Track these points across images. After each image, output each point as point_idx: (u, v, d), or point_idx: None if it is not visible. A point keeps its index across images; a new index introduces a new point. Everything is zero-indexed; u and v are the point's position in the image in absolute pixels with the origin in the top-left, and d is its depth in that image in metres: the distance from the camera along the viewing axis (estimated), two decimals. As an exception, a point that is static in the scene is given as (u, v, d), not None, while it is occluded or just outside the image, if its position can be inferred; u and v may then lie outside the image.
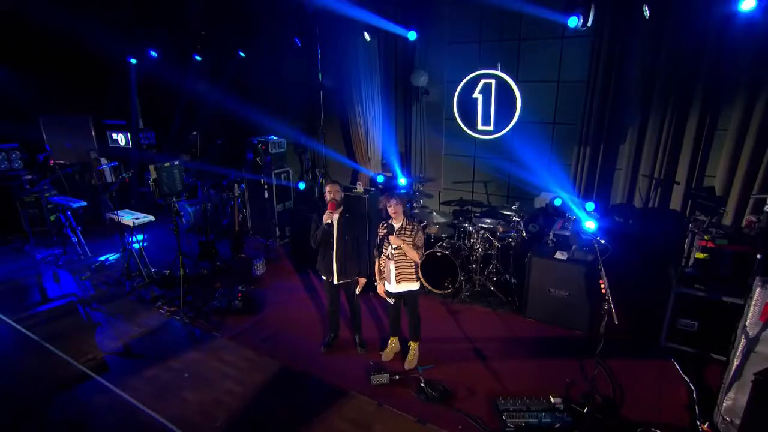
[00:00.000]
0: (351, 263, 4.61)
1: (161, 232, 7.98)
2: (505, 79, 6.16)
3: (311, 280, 6.62)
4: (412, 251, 4.25)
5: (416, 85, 7.41)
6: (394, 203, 4.29)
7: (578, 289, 5.06)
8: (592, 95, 6.16)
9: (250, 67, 8.43)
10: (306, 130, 8.57)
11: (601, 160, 6.34)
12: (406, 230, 4.30)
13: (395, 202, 4.29)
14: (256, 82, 8.29)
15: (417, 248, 4.27)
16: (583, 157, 6.46)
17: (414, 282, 4.43)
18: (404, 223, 4.32)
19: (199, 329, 5.38)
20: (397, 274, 4.40)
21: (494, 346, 4.97)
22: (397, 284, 4.43)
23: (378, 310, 5.81)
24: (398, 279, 4.40)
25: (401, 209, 4.30)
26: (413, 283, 4.44)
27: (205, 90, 8.78)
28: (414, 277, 4.42)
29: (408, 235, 4.28)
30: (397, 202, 4.29)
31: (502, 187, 7.45)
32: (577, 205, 6.02)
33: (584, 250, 5.11)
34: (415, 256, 4.26)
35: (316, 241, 4.58)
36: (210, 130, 8.71)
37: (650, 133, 5.95)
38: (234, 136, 8.36)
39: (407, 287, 4.44)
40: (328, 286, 4.79)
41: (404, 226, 4.30)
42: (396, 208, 4.28)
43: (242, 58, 8.44)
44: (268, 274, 6.78)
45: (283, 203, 7.87)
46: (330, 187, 4.51)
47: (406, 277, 4.39)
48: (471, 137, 7.29)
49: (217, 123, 8.78)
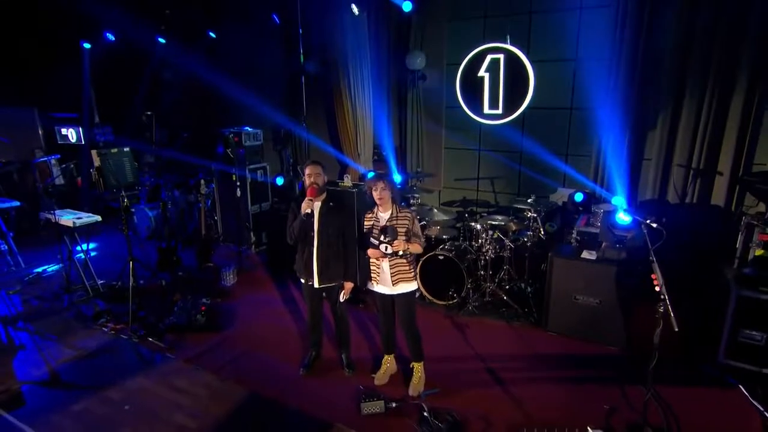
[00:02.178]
0: (335, 263, 4.05)
1: (116, 239, 7.33)
2: (515, 53, 5.71)
3: (290, 291, 6.10)
4: (414, 246, 3.79)
5: (412, 69, 7.01)
6: (381, 186, 3.78)
7: (611, 295, 4.55)
8: (615, 74, 5.76)
9: (221, 50, 8.02)
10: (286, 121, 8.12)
11: (627, 149, 5.91)
12: (398, 219, 3.79)
13: (383, 185, 3.78)
14: (229, 67, 7.89)
15: (418, 237, 3.83)
16: (605, 146, 6.03)
17: (412, 281, 3.92)
18: (395, 211, 3.82)
19: (150, 350, 4.74)
20: (393, 274, 3.86)
21: (512, 366, 4.45)
22: (393, 285, 3.88)
23: (369, 322, 5.26)
24: (395, 280, 3.86)
25: (388, 195, 3.79)
26: (411, 282, 3.92)
27: (171, 77, 8.28)
28: (411, 274, 3.91)
29: (402, 225, 3.78)
30: (385, 186, 3.78)
31: (511, 184, 7.00)
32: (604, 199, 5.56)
33: (618, 248, 4.57)
34: (417, 248, 3.83)
35: (293, 235, 4.02)
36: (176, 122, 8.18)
37: (685, 116, 5.52)
38: (203, 129, 7.84)
39: (405, 288, 3.90)
40: (307, 292, 4.22)
41: (395, 215, 3.80)
42: (383, 193, 3.77)
43: (213, 40, 8.02)
44: (239, 285, 6.29)
45: (260, 204, 7.40)
46: (310, 168, 3.97)
47: (403, 276, 3.87)
48: (475, 127, 6.90)
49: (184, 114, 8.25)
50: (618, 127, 5.85)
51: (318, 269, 4.03)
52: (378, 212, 3.87)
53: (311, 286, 4.11)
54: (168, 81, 8.35)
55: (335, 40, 7.10)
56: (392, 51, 7.19)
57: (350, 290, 4.15)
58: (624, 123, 5.82)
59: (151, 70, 8.39)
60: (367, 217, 3.92)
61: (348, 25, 6.94)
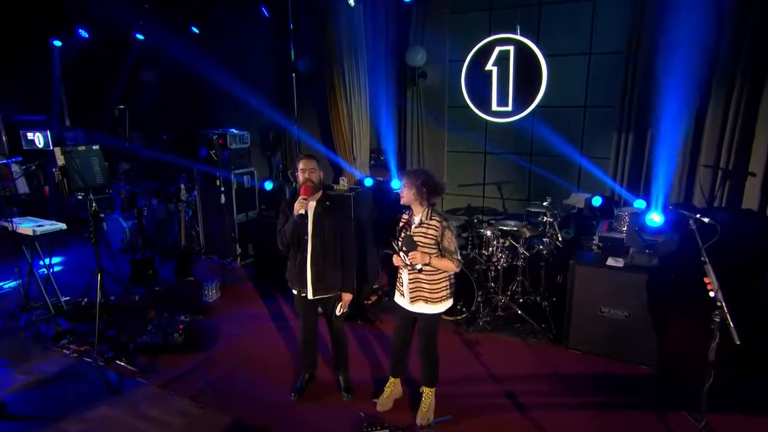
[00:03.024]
0: (332, 271, 3.69)
1: (85, 252, 6.89)
2: (526, 44, 5.44)
3: (280, 307, 5.70)
4: (442, 261, 3.36)
5: (412, 65, 6.77)
6: (403, 183, 3.42)
7: (642, 307, 4.21)
8: (633, 69, 5.58)
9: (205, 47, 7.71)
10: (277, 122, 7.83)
11: (648, 149, 5.68)
12: (426, 228, 3.38)
13: (405, 182, 3.41)
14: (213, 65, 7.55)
15: (450, 253, 3.37)
16: (624, 147, 5.83)
17: (437, 303, 3.48)
18: (425, 215, 3.41)
19: (119, 374, 4.33)
20: (412, 290, 3.48)
21: (531, 388, 4.09)
22: (411, 303, 3.50)
23: (371, 340, 4.87)
24: (413, 297, 3.48)
25: (411, 195, 3.38)
26: (437, 304, 3.48)
27: (150, 76, 7.94)
28: (437, 295, 3.46)
29: (428, 235, 3.37)
30: (407, 183, 3.39)
31: (521, 189, 6.73)
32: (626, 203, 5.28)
33: (648, 254, 4.24)
34: (447, 265, 3.37)
35: (285, 239, 3.66)
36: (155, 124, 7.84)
37: (712, 112, 5.29)
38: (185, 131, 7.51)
39: (425, 309, 3.50)
40: (300, 304, 3.84)
41: (423, 221, 3.40)
42: (406, 189, 3.38)
43: (196, 36, 7.72)
44: (222, 300, 5.90)
45: (246, 213, 7.04)
46: (304, 162, 3.62)
47: (423, 295, 3.46)
48: (481, 128, 6.65)
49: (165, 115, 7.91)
50: (638, 125, 5.65)
51: (312, 278, 3.66)
52: (412, 215, 3.51)
53: (304, 298, 3.74)
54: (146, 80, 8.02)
55: (328, 34, 6.82)
56: (390, 46, 6.95)
57: (348, 303, 3.78)
58: (644, 121, 5.61)
59: (128, 69, 8.05)
60: (402, 218, 3.57)
61: (342, 17, 6.68)
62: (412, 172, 3.46)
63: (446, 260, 3.35)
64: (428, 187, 3.35)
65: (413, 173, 3.43)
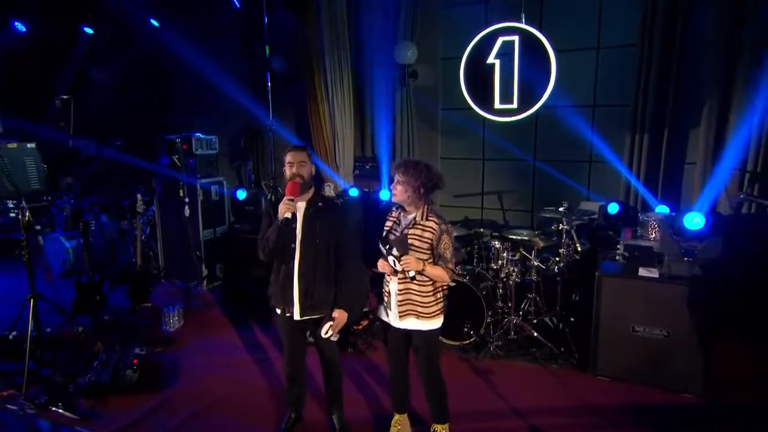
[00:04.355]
0: (324, 287, 3.21)
1: (17, 279, 6.18)
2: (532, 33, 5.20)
3: (257, 336, 5.22)
4: (436, 269, 2.94)
5: (402, 63, 6.54)
6: (398, 178, 2.99)
7: (683, 324, 3.88)
8: (648, 64, 5.41)
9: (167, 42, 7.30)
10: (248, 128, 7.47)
11: (665, 152, 5.51)
12: (421, 229, 2.99)
13: (401, 178, 2.97)
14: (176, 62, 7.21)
15: (445, 261, 2.97)
16: (639, 149, 5.63)
17: (431, 319, 3.05)
18: (422, 214, 3.01)
19: (53, 423, 3.74)
20: (401, 303, 3.04)
21: (558, 422, 3.70)
22: (401, 318, 3.06)
23: (364, 370, 4.43)
24: (403, 311, 3.04)
25: (404, 192, 2.96)
26: (430, 320, 3.04)
27: (101, 75, 7.44)
28: (431, 310, 3.04)
29: (424, 238, 2.97)
30: (405, 180, 2.95)
31: (524, 199, 6.50)
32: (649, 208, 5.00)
33: (688, 262, 3.90)
34: (441, 275, 2.95)
35: (268, 248, 3.17)
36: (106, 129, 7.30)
37: (736, 108, 5.08)
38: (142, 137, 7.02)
39: (418, 325, 3.05)
40: (285, 326, 3.34)
41: (418, 221, 3.00)
42: (402, 187, 2.97)
43: (156, 29, 7.30)
44: (186, 329, 5.41)
45: (214, 228, 6.56)
46: (292, 155, 3.17)
47: (415, 309, 3.03)
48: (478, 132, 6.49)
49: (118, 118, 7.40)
50: (653, 126, 5.47)
51: (300, 294, 3.17)
52: (401, 213, 3.11)
53: (290, 319, 3.24)
54: (97, 79, 7.51)
55: (309, 29, 6.55)
56: (376, 42, 6.69)
57: (342, 324, 3.26)
58: (660, 121, 5.44)
59: (75, 66, 7.51)
60: (390, 217, 3.18)
61: (324, 10, 6.40)
62: (411, 167, 2.98)
63: (440, 269, 2.94)
64: (429, 186, 2.97)
65: (412, 168, 2.97)
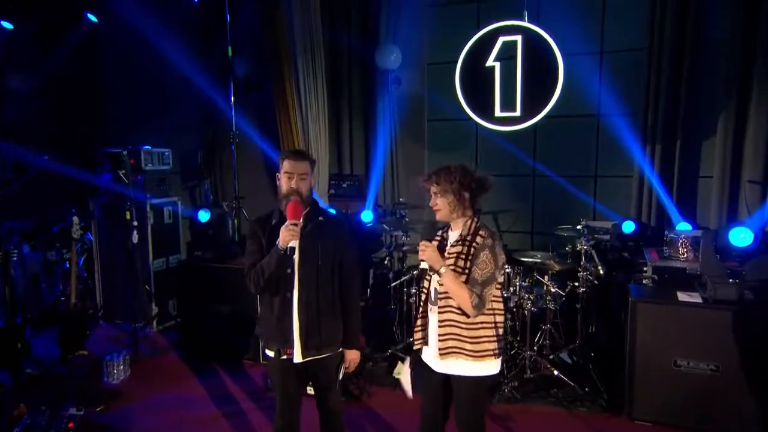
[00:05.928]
0: (329, 319, 2.80)
1: None
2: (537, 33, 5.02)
3: (224, 385, 4.74)
4: (460, 290, 2.53)
5: (384, 68, 6.25)
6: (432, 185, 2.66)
7: (735, 357, 3.63)
8: (657, 69, 5.31)
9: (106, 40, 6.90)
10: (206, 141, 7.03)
11: (678, 165, 5.40)
12: (467, 244, 2.61)
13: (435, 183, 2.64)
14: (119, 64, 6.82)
15: (472, 283, 2.54)
16: (650, 162, 5.49)
17: (478, 358, 2.59)
18: (468, 228, 2.65)
19: None
20: (442, 337, 2.62)
21: None
22: (441, 357, 2.63)
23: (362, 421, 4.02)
24: (445, 348, 2.60)
25: (450, 197, 2.61)
26: (478, 360, 2.59)
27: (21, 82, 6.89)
28: (482, 347, 2.59)
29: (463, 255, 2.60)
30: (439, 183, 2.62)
31: (522, 219, 6.24)
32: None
33: (737, 284, 3.68)
34: (464, 300, 2.53)
35: (262, 280, 2.69)
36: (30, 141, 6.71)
37: (754, 118, 5.02)
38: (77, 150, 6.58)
39: (464, 369, 2.61)
40: (278, 373, 2.85)
41: (465, 235, 2.64)
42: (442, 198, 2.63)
43: (93, 25, 6.82)
44: (134, 381, 4.91)
45: (166, 257, 6.11)
46: (291, 164, 2.76)
47: (462, 347, 2.59)
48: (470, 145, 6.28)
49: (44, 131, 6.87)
50: (665, 136, 5.37)
51: (301, 330, 2.72)
52: (446, 231, 2.79)
53: (287, 362, 2.75)
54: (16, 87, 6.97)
55: (278, 27, 6.18)
56: (355, 46, 6.46)
57: (355, 366, 2.93)
58: (671, 132, 5.35)
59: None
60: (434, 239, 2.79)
61: (296, 6, 6.06)
62: (443, 171, 2.65)
63: (464, 290, 2.52)
64: (472, 187, 2.63)
65: (444, 173, 2.64)
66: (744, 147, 5.12)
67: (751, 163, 5.08)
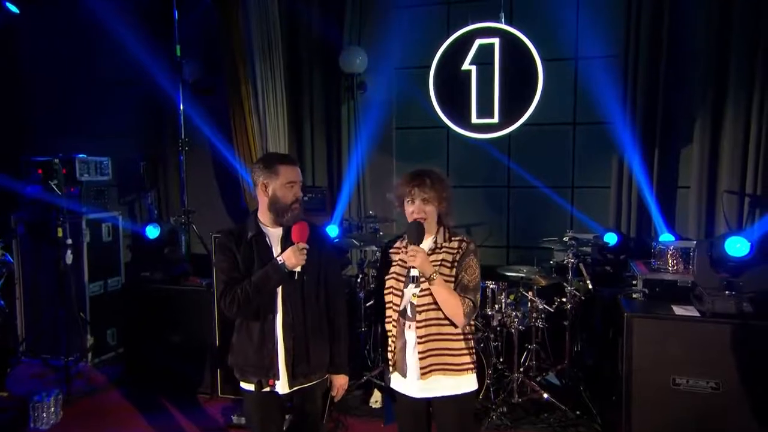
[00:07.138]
0: (318, 342, 2.64)
1: None
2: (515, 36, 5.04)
3: (177, 423, 4.48)
4: (452, 298, 2.46)
5: (349, 72, 6.18)
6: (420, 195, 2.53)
7: (737, 373, 3.62)
8: (634, 76, 5.44)
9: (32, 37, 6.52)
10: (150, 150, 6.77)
11: (656, 175, 5.51)
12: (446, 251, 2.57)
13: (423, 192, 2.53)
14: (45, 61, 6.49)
15: (465, 291, 2.50)
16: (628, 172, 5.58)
17: (461, 373, 2.53)
18: (443, 236, 2.61)
19: None
20: (423, 354, 2.49)
21: None
22: (422, 377, 2.49)
23: None
24: (427, 366, 2.49)
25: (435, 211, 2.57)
26: (461, 375, 2.53)
27: None
28: (463, 360, 2.53)
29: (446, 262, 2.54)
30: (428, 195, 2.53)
31: (497, 233, 6.24)
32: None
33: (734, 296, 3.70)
34: (454, 305, 2.47)
35: (249, 302, 2.48)
36: None
37: (730, 127, 5.17)
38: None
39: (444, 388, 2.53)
40: (258, 407, 2.63)
41: (441, 244, 2.59)
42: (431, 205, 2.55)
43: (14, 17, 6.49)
44: (68, 424, 4.56)
45: (104, 280, 5.79)
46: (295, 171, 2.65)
47: (442, 361, 2.51)
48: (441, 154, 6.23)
49: None
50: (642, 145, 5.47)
51: (288, 357, 2.53)
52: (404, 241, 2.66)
53: (269, 395, 2.54)
54: None
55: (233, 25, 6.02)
56: (317, 47, 6.38)
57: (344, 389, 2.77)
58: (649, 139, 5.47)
59: None
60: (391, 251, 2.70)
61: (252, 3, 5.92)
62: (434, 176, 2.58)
63: (456, 297, 2.46)
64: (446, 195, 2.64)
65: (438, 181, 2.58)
66: (720, 157, 5.25)
67: (728, 173, 5.21)
